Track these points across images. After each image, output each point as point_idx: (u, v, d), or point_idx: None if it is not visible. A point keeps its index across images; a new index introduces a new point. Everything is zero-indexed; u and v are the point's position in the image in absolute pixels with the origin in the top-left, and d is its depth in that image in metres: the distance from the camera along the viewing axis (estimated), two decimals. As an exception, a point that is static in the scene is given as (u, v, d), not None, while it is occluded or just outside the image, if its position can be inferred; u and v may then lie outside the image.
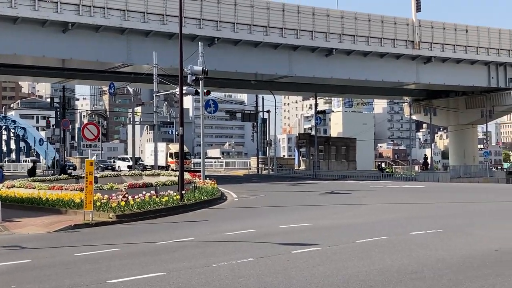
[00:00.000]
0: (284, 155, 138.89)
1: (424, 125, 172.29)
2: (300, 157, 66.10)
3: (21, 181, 25.07)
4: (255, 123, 65.78)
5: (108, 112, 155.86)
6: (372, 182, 41.59)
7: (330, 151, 64.68)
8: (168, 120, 70.68)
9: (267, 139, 64.39)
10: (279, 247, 12.06)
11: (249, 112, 67.71)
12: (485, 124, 67.00)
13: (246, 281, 8.98)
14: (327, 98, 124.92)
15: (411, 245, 12.22)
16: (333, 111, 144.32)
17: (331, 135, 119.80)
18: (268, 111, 64.69)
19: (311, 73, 50.05)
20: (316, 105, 60.71)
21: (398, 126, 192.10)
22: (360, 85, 57.59)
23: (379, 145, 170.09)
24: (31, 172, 43.36)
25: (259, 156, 65.00)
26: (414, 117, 70.36)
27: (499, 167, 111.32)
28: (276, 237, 13.49)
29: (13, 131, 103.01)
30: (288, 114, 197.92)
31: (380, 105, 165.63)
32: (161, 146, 59.19)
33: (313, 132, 66.04)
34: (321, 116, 61.53)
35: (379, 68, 52.39)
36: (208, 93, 32.29)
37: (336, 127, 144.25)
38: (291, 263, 10.35)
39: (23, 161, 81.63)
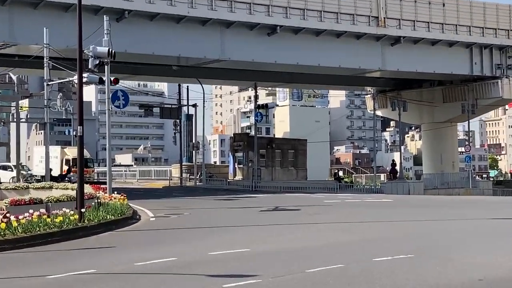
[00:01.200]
0: (215, 162, 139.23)
1: (392, 123, 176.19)
2: (236, 164, 66.17)
3: None
4: (177, 121, 65.52)
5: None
6: (327, 196, 42.10)
7: (274, 156, 65.07)
8: (64, 117, 69.46)
9: (193, 141, 64.19)
10: (207, 280, 11.99)
11: (170, 106, 67.39)
12: (467, 122, 68.99)
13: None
14: (270, 88, 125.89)
15: (375, 274, 12.39)
16: (277, 105, 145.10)
17: (276, 136, 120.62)
18: (194, 105, 64.57)
19: (249, 56, 50.24)
20: (256, 97, 61.01)
21: (359, 125, 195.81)
22: (311, 72, 58.25)
23: (336, 148, 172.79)
24: None
25: (183, 163, 64.80)
26: (379, 112, 71.74)
27: (484, 176, 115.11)
28: (204, 267, 13.42)
29: None
30: (221, 109, 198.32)
31: (337, 97, 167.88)
32: (55, 150, 58.27)
33: (253, 132, 66.36)
34: (263, 112, 61.85)
35: (335, 51, 53.11)
36: (116, 81, 31.89)
37: (281, 126, 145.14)
38: (223, 300, 10.29)
39: None
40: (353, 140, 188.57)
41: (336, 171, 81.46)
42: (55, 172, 55.21)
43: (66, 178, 52.22)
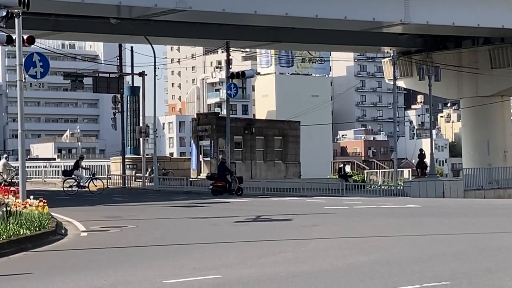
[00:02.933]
0: (172, 154, 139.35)
1: (419, 98, 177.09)
2: (201, 156, 66.15)
3: None
4: (118, 96, 65.22)
5: None
6: (329, 200, 42.29)
7: (254, 146, 65.12)
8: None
9: (141, 125, 64.06)
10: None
11: (108, 75, 67.10)
12: (524, 96, 69.22)
13: None
14: (248, 50, 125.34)
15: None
16: (259, 74, 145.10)
17: (256, 117, 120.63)
18: (142, 74, 64.37)
19: (218, 5, 50.17)
20: (229, 62, 60.99)
21: (373, 100, 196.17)
22: (306, 26, 58.26)
23: (341, 133, 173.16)
24: None
25: (127, 156, 64.63)
26: (401, 83, 72.02)
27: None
28: (156, 302, 13.49)
29: None
30: (179, 80, 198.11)
31: (342, 62, 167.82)
32: None
33: (224, 112, 66.35)
34: (238, 83, 61.86)
35: (339, -3, 53.27)
36: (31, 41, 31.80)
37: (264, 103, 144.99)
38: None
39: None
40: (364, 122, 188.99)
41: (342, 165, 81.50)
42: None
43: None
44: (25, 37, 31.33)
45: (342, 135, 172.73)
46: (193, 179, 60.48)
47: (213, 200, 42.37)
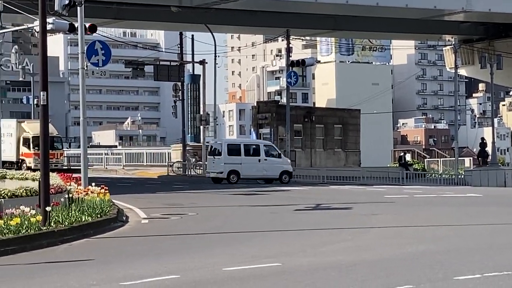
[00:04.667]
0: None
1: (481, 86, 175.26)
2: (261, 144, 66.23)
3: None
4: (178, 84, 65.51)
5: None
6: (389, 189, 42.11)
7: (314, 134, 65.01)
8: (22, 79, 69.78)
9: (201, 113, 64.27)
10: (221, 306, 12.11)
11: (169, 63, 67.42)
12: None
13: None
14: (308, 38, 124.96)
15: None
16: (319, 62, 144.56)
17: (316, 105, 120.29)
18: (202, 62, 64.56)
19: (279, -7, 50.21)
20: (289, 50, 60.91)
21: (434, 89, 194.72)
22: (367, 14, 57.99)
23: (401, 122, 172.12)
24: None
25: (188, 144, 64.90)
26: (462, 71, 71.40)
27: None
28: (216, 289, 13.54)
29: None
30: (239, 68, 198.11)
31: (403, 50, 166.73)
32: (9, 125, 58.64)
33: (284, 100, 66.28)
34: (298, 71, 61.80)
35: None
36: (93, 29, 32.05)
37: (324, 91, 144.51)
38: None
39: None
40: (425, 111, 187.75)
41: (402, 154, 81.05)
42: (10, 155, 55.68)
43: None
44: (87, 25, 31.61)
45: (403, 124, 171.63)
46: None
47: (272, 188, 42.38)
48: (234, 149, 50.78)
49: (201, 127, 64.16)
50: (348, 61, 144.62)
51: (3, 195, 23.33)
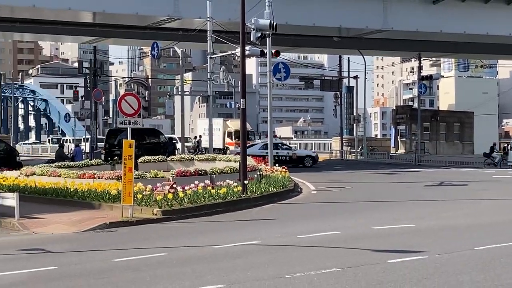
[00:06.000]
0: (376, 135, 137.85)
1: None
2: (398, 137, 65.30)
3: (43, 168, 25.91)
4: (338, 93, 65.37)
5: (150, 79, 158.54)
6: (497, 171, 40.76)
7: (438, 130, 63.74)
8: (226, 90, 70.88)
9: (354, 114, 63.95)
10: (371, 255, 12.05)
11: (330, 78, 67.29)
12: None
13: (329, 298, 9.04)
14: (434, 59, 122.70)
15: (549, 254, 11.98)
16: (442, 77, 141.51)
17: (440, 108, 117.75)
18: (355, 77, 64.18)
19: (413, 26, 49.28)
20: (420, 68, 59.71)
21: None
22: (479, 41, 56.26)
23: (505, 121, 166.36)
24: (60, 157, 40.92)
25: (344, 136, 64.67)
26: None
27: None
28: (367, 242, 13.48)
29: (32, 104, 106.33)
30: (382, 81, 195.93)
31: (507, 67, 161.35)
32: (217, 123, 59.78)
33: (416, 105, 65.13)
34: (427, 83, 60.57)
35: (505, 18, 51.06)
36: (277, 54, 32.32)
37: (446, 98, 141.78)
38: (388, 275, 10.33)
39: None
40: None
41: (506, 144, 78.05)
42: (218, 144, 56.74)
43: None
44: (273, 51, 31.91)
45: (506, 122, 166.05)
46: (392, 154, 59.75)
47: (407, 169, 41.74)
48: None
49: (354, 124, 64.01)
50: (465, 76, 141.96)
51: (214, 171, 23.89)
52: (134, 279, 10.57)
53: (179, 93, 48.35)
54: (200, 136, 56.89)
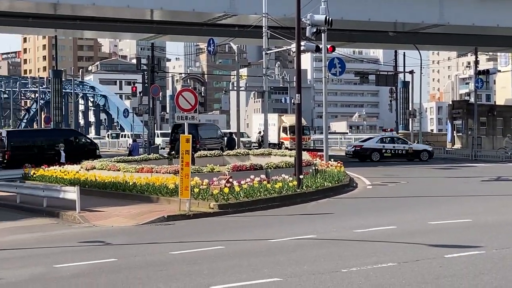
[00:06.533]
0: (432, 130, 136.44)
1: None
2: (454, 132, 64.47)
3: (103, 162, 26.31)
4: (393, 88, 64.87)
5: (206, 75, 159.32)
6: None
7: (495, 124, 62.72)
8: (281, 85, 70.82)
9: (410, 109, 63.28)
10: (428, 250, 11.93)
11: (386, 73, 66.77)
12: None
13: (386, 292, 8.98)
14: (491, 53, 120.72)
15: None
16: (499, 71, 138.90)
17: (496, 103, 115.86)
18: (411, 72, 63.49)
19: (469, 20, 48.57)
20: (477, 63, 58.83)
21: None
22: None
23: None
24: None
25: (399, 131, 64.10)
26: None
27: None
28: (423, 237, 13.35)
29: (91, 99, 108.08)
30: (438, 76, 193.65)
31: None
32: (272, 118, 59.69)
33: (472, 99, 64.28)
34: (483, 78, 59.53)
35: None
36: (332, 49, 32.18)
37: (503, 92, 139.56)
38: (445, 270, 10.22)
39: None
40: None
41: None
42: (273, 139, 56.75)
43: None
44: (328, 46, 31.77)
45: None
46: (448, 149, 58.99)
47: (463, 164, 41.15)
48: None
49: (410, 119, 63.35)
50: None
51: (270, 166, 23.91)
52: (191, 271, 10.66)
53: (235, 88, 48.55)
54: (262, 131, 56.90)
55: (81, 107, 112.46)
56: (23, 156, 32.15)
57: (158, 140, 60.21)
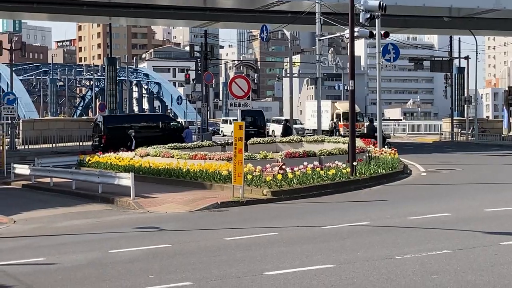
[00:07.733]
0: (488, 116, 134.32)
1: None
2: (511, 118, 63.43)
3: (156, 149, 26.55)
4: (448, 74, 64.01)
5: (259, 62, 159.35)
6: None
7: (553, 111, 61.55)
8: (334, 72, 70.66)
9: (465, 95, 62.43)
10: (483, 237, 11.78)
11: (441, 59, 65.88)
12: None
13: (441, 279, 8.89)
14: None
15: None
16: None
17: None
18: (466, 58, 62.62)
19: (526, 4, 47.69)
20: (534, 48, 57.74)
21: None
22: None
23: None
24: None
25: (454, 118, 63.30)
26: None
27: None
28: (479, 224, 13.19)
29: (145, 87, 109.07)
30: (494, 62, 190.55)
31: None
32: (326, 105, 59.49)
33: (530, 85, 63.04)
34: (541, 63, 58.37)
35: None
36: (386, 35, 31.84)
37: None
38: (501, 257, 10.09)
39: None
40: None
41: None
42: (326, 126, 56.56)
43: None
44: (382, 32, 31.47)
45: None
46: (505, 136, 58.11)
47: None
48: None
49: (465, 106, 62.54)
50: None
51: (323, 153, 23.85)
52: (245, 257, 10.71)
53: (288, 75, 48.42)
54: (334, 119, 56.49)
55: (135, 95, 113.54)
56: (118, 140, 32.97)
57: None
